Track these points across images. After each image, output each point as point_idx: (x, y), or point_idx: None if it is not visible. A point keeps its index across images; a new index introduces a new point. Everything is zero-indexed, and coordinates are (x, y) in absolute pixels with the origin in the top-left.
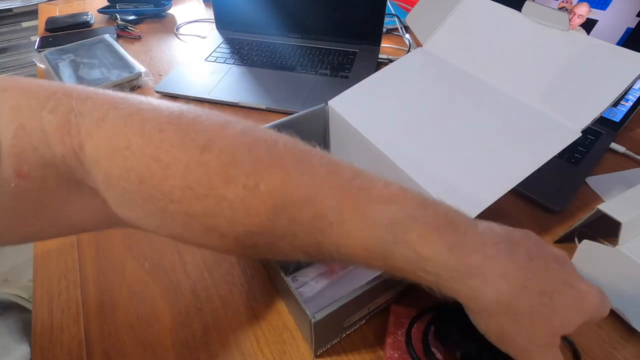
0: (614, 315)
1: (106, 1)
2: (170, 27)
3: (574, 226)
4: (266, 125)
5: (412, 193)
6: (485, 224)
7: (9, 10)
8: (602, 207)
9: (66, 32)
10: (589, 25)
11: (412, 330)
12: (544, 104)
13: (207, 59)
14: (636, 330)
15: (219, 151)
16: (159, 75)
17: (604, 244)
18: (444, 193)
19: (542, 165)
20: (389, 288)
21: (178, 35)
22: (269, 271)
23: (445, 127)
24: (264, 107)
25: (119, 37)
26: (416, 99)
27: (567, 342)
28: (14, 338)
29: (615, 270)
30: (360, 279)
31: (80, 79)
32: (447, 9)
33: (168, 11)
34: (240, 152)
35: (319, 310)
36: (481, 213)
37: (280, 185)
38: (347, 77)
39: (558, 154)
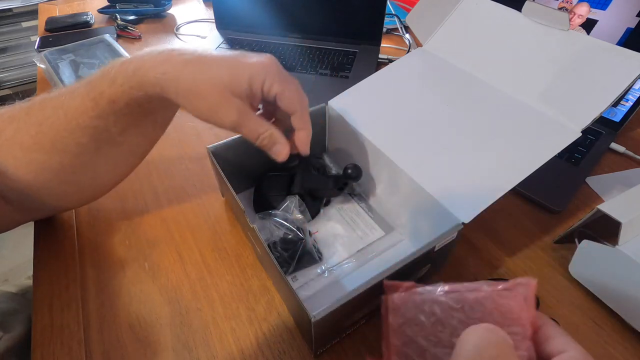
0: (614, 315)
1: (106, 1)
2: (170, 27)
3: (574, 226)
4: None
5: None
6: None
7: (9, 10)
8: (602, 207)
9: (66, 32)
10: (589, 25)
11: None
12: (544, 104)
13: None
14: (636, 330)
15: None
16: None
17: (604, 244)
18: (444, 193)
19: (542, 165)
20: None
21: (178, 35)
22: (269, 271)
23: (445, 127)
24: None
25: (119, 37)
26: (416, 99)
27: None
28: None
29: (615, 270)
30: (361, 279)
31: (80, 79)
32: (447, 9)
33: (168, 11)
34: None
35: (319, 310)
36: (481, 213)
37: None
38: (347, 77)
39: (558, 154)
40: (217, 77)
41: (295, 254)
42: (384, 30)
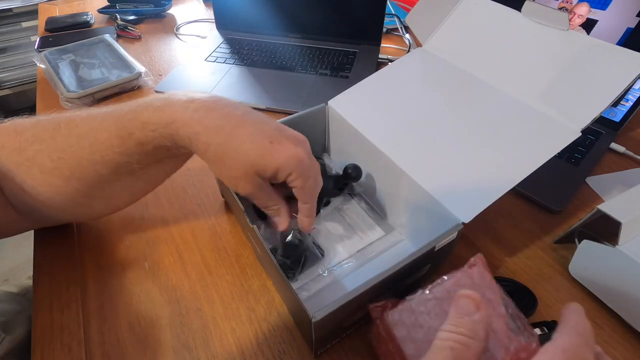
0: (614, 315)
1: (106, 1)
2: (170, 27)
3: (574, 226)
4: None
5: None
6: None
7: (9, 10)
8: (602, 207)
9: (66, 32)
10: (589, 25)
11: None
12: (544, 104)
13: (207, 59)
14: (636, 330)
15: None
16: (159, 75)
17: (604, 244)
18: (444, 193)
19: (542, 165)
20: (389, 288)
21: (178, 35)
22: (269, 271)
23: (445, 127)
24: (264, 107)
25: (119, 37)
26: (416, 99)
27: (551, 325)
28: None
29: (615, 270)
30: (361, 279)
31: (80, 79)
32: (447, 9)
33: (168, 11)
34: None
35: (319, 310)
36: (481, 213)
37: None
38: (347, 77)
39: (558, 154)
40: (246, 158)
41: (299, 259)
42: (384, 30)
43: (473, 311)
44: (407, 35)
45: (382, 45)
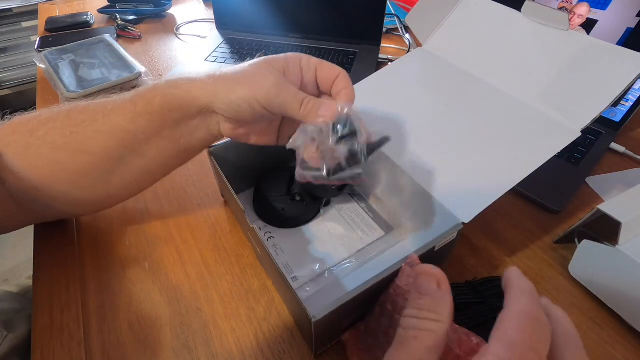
0: (614, 315)
1: (106, 1)
2: (170, 27)
3: (574, 226)
4: None
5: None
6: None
7: (9, 10)
8: (602, 207)
9: (66, 32)
10: (589, 25)
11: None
12: (544, 104)
13: (207, 59)
14: (636, 330)
15: None
16: (159, 75)
17: (604, 244)
18: (444, 193)
19: (542, 165)
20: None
21: (178, 35)
22: (269, 271)
23: (445, 127)
24: None
25: (119, 37)
26: (416, 99)
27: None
28: None
29: (615, 270)
30: (361, 279)
31: (80, 79)
32: (447, 9)
33: (168, 11)
34: None
35: (319, 310)
36: (481, 213)
37: None
38: None
39: (558, 154)
40: (254, 61)
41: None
42: (384, 30)
43: (434, 289)
44: (407, 35)
45: (382, 45)
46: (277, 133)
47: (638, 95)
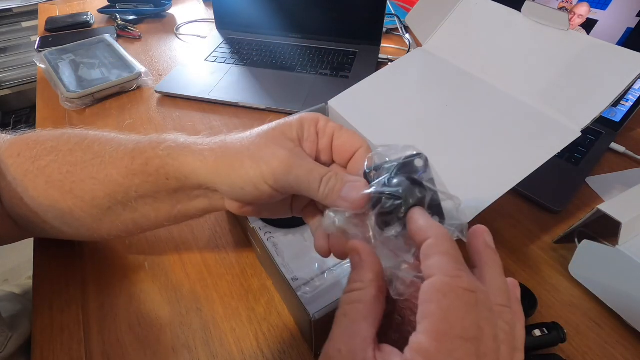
0: (614, 315)
1: (106, 1)
2: (170, 27)
3: (574, 226)
4: None
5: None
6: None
7: (9, 10)
8: (602, 207)
9: (66, 32)
10: (589, 25)
11: None
12: (544, 104)
13: (207, 59)
14: (636, 330)
15: None
16: (159, 75)
17: (604, 244)
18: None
19: (542, 165)
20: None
21: (178, 35)
22: (269, 271)
23: (445, 127)
24: (263, 107)
25: (119, 37)
26: (416, 99)
27: (551, 326)
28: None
29: (615, 270)
30: None
31: (80, 79)
32: (447, 9)
33: (168, 11)
34: None
35: (319, 310)
36: (481, 213)
37: None
38: (347, 77)
39: (558, 154)
40: (264, 129)
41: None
42: (384, 30)
43: (356, 261)
44: (407, 35)
45: (382, 45)
46: (290, 206)
47: (638, 95)
